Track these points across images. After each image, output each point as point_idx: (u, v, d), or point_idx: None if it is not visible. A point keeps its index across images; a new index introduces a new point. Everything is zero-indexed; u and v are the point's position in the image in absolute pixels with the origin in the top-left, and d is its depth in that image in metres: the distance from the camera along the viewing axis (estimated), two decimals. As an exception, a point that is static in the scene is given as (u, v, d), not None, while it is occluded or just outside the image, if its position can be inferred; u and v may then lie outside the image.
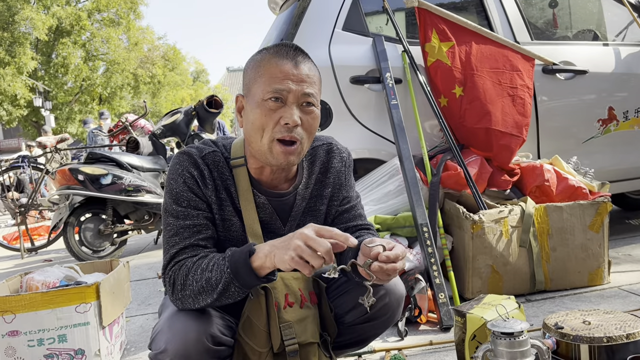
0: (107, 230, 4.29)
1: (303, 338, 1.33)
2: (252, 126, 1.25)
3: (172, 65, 23.63)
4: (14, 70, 17.26)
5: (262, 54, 1.28)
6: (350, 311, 1.41)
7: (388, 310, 1.42)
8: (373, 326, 1.44)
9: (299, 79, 1.23)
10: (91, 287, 1.93)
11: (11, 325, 1.88)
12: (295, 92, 1.22)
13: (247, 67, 1.31)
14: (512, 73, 2.73)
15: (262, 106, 1.23)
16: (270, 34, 3.26)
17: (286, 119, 1.22)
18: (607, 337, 1.46)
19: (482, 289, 2.38)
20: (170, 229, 1.28)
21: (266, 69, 1.24)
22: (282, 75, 1.22)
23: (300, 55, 1.26)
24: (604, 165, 3.08)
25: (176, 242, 1.26)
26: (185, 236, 1.26)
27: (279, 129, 1.23)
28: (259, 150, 1.26)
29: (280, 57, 1.24)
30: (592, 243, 2.45)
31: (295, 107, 1.23)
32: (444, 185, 2.58)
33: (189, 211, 1.27)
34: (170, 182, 1.30)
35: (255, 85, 1.25)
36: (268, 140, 1.23)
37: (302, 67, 1.25)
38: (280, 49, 1.26)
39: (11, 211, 5.11)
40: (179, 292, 1.21)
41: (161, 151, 4.68)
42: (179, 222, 1.27)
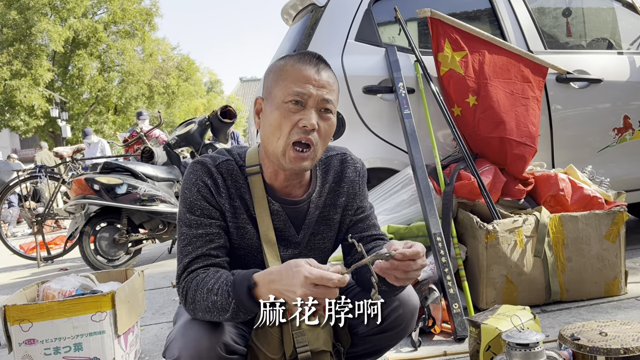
0: (122, 239, 4.32)
1: (315, 345, 1.33)
2: (270, 127, 1.28)
3: (186, 76, 23.86)
4: (30, 81, 17.54)
5: (285, 59, 1.32)
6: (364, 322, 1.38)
7: (402, 321, 1.41)
8: (387, 337, 1.43)
9: (320, 84, 1.27)
10: (107, 296, 1.95)
11: (28, 333, 1.90)
12: (316, 97, 1.26)
13: (269, 71, 1.34)
14: (524, 84, 2.73)
15: (281, 108, 1.26)
16: (284, 45, 3.29)
17: (304, 121, 1.25)
18: (624, 348, 1.44)
19: (496, 299, 2.36)
20: (183, 239, 1.30)
21: (289, 72, 1.28)
22: (304, 79, 1.26)
23: (322, 63, 1.30)
24: (620, 175, 3.05)
25: (189, 251, 1.28)
26: (197, 245, 1.28)
27: (297, 131, 1.25)
28: (273, 153, 1.29)
29: (303, 62, 1.28)
30: (608, 253, 2.42)
31: (314, 111, 1.26)
32: (457, 194, 2.57)
33: (202, 220, 1.29)
34: (184, 191, 1.32)
35: (276, 87, 1.28)
36: (284, 143, 1.26)
37: (324, 74, 1.29)
38: (304, 55, 1.30)
39: (28, 220, 5.17)
40: (190, 304, 1.24)
41: (175, 161, 4.72)
42: (192, 231, 1.29)
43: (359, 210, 1.48)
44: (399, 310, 1.39)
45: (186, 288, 1.24)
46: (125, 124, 21.42)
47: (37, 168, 5.30)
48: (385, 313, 1.38)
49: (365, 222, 1.49)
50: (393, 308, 1.38)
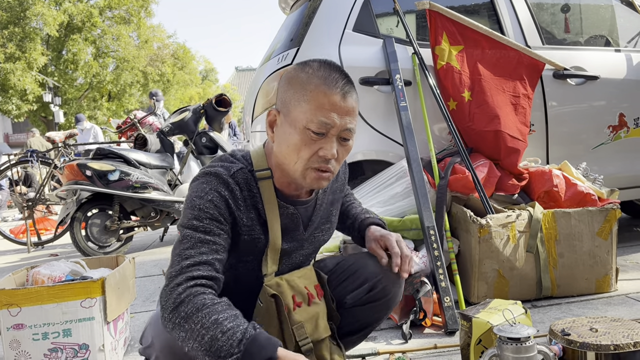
0: (114, 226, 4.30)
1: (316, 336, 1.35)
2: (288, 149, 1.22)
3: (181, 64, 23.73)
4: (24, 65, 17.38)
5: (309, 74, 1.22)
6: (351, 293, 1.45)
7: (388, 291, 1.45)
8: (374, 308, 1.47)
9: (345, 112, 1.20)
10: (97, 282, 1.94)
11: (16, 318, 1.89)
12: (339, 127, 1.20)
13: (288, 83, 1.25)
14: (516, 82, 2.73)
15: (303, 134, 1.20)
16: (280, 34, 3.26)
17: (325, 151, 1.20)
18: (615, 344, 1.45)
19: (487, 293, 2.37)
20: (186, 241, 1.18)
21: (313, 95, 1.19)
22: (330, 106, 1.19)
23: (347, 85, 1.22)
24: (614, 172, 3.06)
25: (191, 254, 1.16)
26: (202, 251, 1.17)
27: (316, 159, 1.21)
28: (290, 172, 1.25)
29: (329, 86, 1.19)
30: (600, 250, 2.43)
31: (335, 139, 1.22)
32: (451, 188, 2.57)
33: (211, 228, 1.20)
34: (193, 199, 1.21)
35: (298, 108, 1.20)
36: (302, 167, 1.22)
37: (349, 99, 1.21)
38: (330, 75, 1.21)
39: (19, 205, 5.14)
40: (179, 317, 1.10)
41: (169, 149, 4.69)
42: (198, 235, 1.18)
43: (345, 198, 1.60)
44: (384, 281, 1.44)
45: (183, 297, 1.11)
46: (119, 111, 21.29)
47: (29, 152, 5.26)
48: (372, 283, 1.44)
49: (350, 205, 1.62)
50: (379, 279, 1.43)
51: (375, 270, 1.44)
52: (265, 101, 2.85)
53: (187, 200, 1.23)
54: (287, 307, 1.30)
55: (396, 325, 2.22)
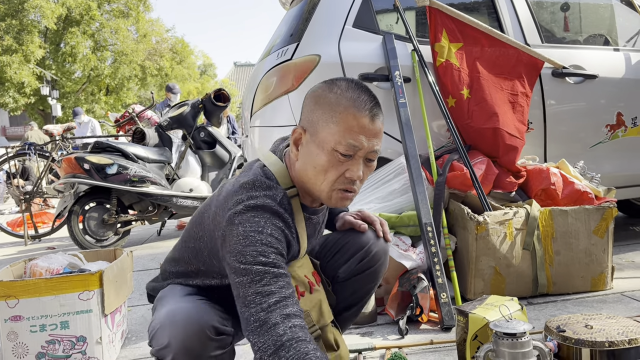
0: (111, 219, 4.30)
1: (322, 322, 1.39)
2: (314, 170, 1.22)
3: (179, 58, 23.67)
4: (21, 58, 17.31)
5: (337, 95, 1.21)
6: (343, 266, 1.51)
7: (378, 258, 1.53)
8: (367, 277, 1.53)
9: (373, 134, 1.21)
10: (94, 275, 1.94)
11: (14, 310, 1.89)
12: (366, 149, 1.21)
13: (316, 102, 1.23)
14: (514, 80, 2.74)
15: (331, 155, 1.20)
16: (280, 30, 3.26)
17: (352, 173, 1.21)
18: (609, 341, 1.46)
19: (484, 290, 2.38)
20: (260, 279, 1.12)
21: (342, 117, 1.19)
22: (358, 129, 1.19)
23: (376, 107, 1.22)
24: (611, 171, 3.07)
25: (272, 290, 1.12)
26: (281, 285, 1.13)
27: (342, 181, 1.22)
28: (315, 191, 1.26)
29: (358, 108, 1.19)
30: (596, 248, 2.44)
31: (361, 161, 1.22)
32: (449, 185, 2.58)
33: (279, 262, 1.17)
34: (250, 235, 1.16)
35: (326, 129, 1.20)
36: (328, 188, 1.23)
37: (377, 121, 1.22)
38: (359, 97, 1.21)
39: (16, 198, 5.13)
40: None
41: (167, 143, 4.69)
42: (272, 270, 1.14)
43: None
44: (373, 248, 1.51)
45: (284, 340, 1.07)
46: (117, 105, 21.24)
47: (26, 145, 5.25)
48: (362, 253, 1.51)
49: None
50: (367, 247, 1.50)
51: (363, 239, 1.51)
52: (265, 96, 2.85)
53: (242, 236, 1.16)
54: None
55: (393, 321, 2.24)
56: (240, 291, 1.13)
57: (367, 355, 1.93)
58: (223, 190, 1.29)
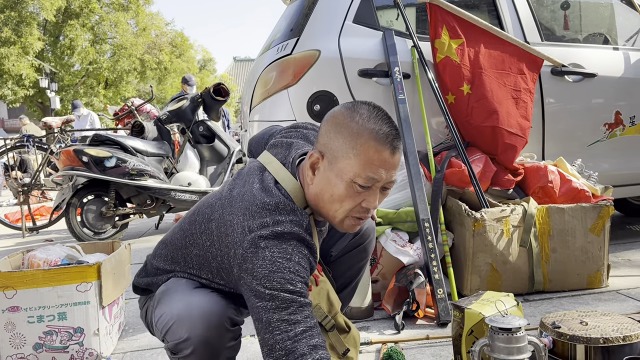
0: (109, 212, 4.30)
1: (333, 312, 1.43)
2: (332, 198, 1.20)
3: (179, 52, 23.60)
4: (19, 50, 17.24)
5: (359, 125, 1.18)
6: (335, 244, 1.56)
7: (367, 235, 1.60)
8: (358, 255, 1.60)
9: (392, 167, 1.19)
10: (92, 266, 1.95)
11: (12, 300, 1.90)
12: (384, 181, 1.19)
13: (337, 130, 1.20)
14: (517, 76, 2.73)
15: (349, 187, 1.18)
16: (280, 25, 3.26)
17: (368, 203, 1.20)
18: (604, 338, 1.47)
19: (480, 286, 2.39)
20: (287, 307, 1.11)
21: (363, 149, 1.16)
22: (379, 163, 1.16)
23: (397, 139, 1.19)
24: (608, 169, 3.08)
25: (298, 320, 1.11)
26: (306, 315, 1.13)
27: (358, 210, 1.21)
28: (329, 217, 1.25)
29: (380, 142, 1.16)
30: (592, 246, 2.45)
31: (378, 191, 1.21)
32: (447, 182, 2.58)
33: (304, 291, 1.16)
34: (278, 261, 1.14)
35: (345, 159, 1.17)
36: (342, 216, 1.22)
37: (397, 154, 1.19)
38: (381, 129, 1.17)
39: (14, 190, 5.13)
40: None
41: (166, 136, 4.69)
42: (299, 299, 1.13)
43: None
44: (363, 225, 1.56)
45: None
46: (116, 98, 21.19)
47: (25, 137, 5.24)
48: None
49: None
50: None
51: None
52: (264, 91, 2.86)
53: (269, 260, 1.14)
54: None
55: (389, 316, 2.25)
56: (263, 316, 1.12)
57: (364, 349, 1.94)
58: (233, 199, 1.24)
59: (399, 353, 1.77)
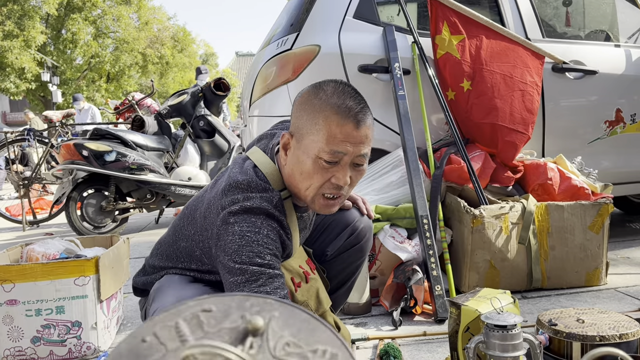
0: (109, 207, 4.30)
1: (321, 310, 1.42)
2: (301, 176, 1.21)
3: (181, 47, 23.59)
4: (22, 43, 17.24)
5: (322, 101, 1.19)
6: (330, 244, 1.55)
7: (364, 234, 1.58)
8: (355, 254, 1.58)
9: (358, 140, 1.19)
10: (91, 260, 1.95)
11: (10, 294, 1.90)
12: (352, 155, 1.19)
13: (301, 108, 1.22)
14: (523, 69, 2.72)
15: (315, 162, 1.18)
16: (281, 19, 3.25)
17: (337, 179, 1.20)
18: (600, 336, 1.47)
19: (479, 283, 2.39)
20: (256, 279, 1.12)
21: (325, 125, 1.17)
22: (342, 137, 1.17)
23: (361, 112, 1.19)
24: (608, 167, 3.08)
25: (268, 292, 1.13)
26: (277, 286, 1.15)
27: (328, 186, 1.21)
28: (302, 196, 1.25)
29: (342, 115, 1.17)
30: (591, 244, 2.45)
31: (347, 167, 1.21)
32: (446, 178, 2.58)
33: (274, 263, 1.17)
34: (247, 235, 1.16)
35: (309, 135, 1.19)
36: (313, 193, 1.22)
37: (363, 127, 1.19)
38: (344, 103, 1.18)
39: (15, 184, 5.14)
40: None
41: (166, 131, 4.69)
42: (268, 271, 1.14)
43: None
44: (360, 224, 1.56)
45: None
46: (118, 92, 21.19)
47: (26, 131, 5.24)
48: (351, 227, 1.55)
49: None
50: (355, 223, 1.55)
51: (349, 217, 1.55)
52: (264, 86, 2.85)
53: (239, 235, 1.16)
54: (289, 291, 1.33)
55: (387, 312, 2.25)
56: (234, 290, 1.12)
57: (361, 345, 1.94)
58: (215, 187, 1.28)
59: (396, 349, 1.78)
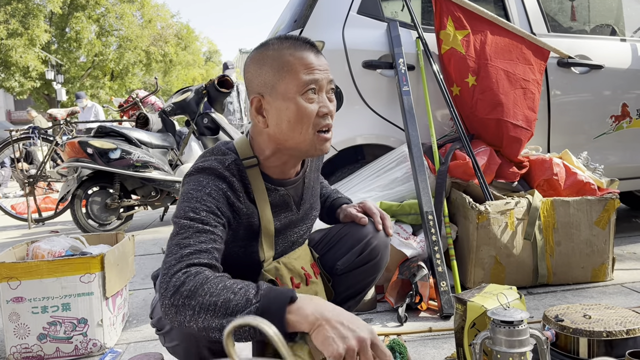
0: (114, 204, 4.31)
1: None
2: (289, 124, 1.21)
3: (184, 44, 23.62)
4: (26, 42, 17.28)
5: (276, 49, 1.23)
6: (341, 258, 1.50)
7: (378, 251, 1.51)
8: (365, 271, 1.51)
9: (323, 67, 1.24)
10: (96, 258, 1.95)
11: (16, 291, 1.91)
12: (325, 80, 1.24)
13: (259, 65, 1.24)
14: (525, 66, 2.70)
15: (299, 101, 1.20)
16: (284, 16, 3.24)
17: (324, 108, 1.23)
18: (607, 331, 1.46)
19: (484, 279, 2.38)
20: (184, 232, 1.14)
21: (290, 62, 1.21)
22: (311, 65, 1.22)
23: (312, 44, 1.26)
24: (614, 162, 3.06)
25: (189, 243, 1.12)
26: (201, 240, 1.13)
27: (320, 120, 1.23)
28: (300, 144, 1.24)
29: (300, 50, 1.22)
30: (597, 239, 2.44)
31: (325, 96, 1.25)
32: (451, 174, 2.57)
33: (209, 220, 1.17)
34: (190, 192, 1.19)
35: (281, 82, 1.21)
36: (312, 134, 1.23)
37: (320, 55, 1.26)
38: (296, 42, 1.24)
39: (20, 182, 5.15)
40: (181, 297, 1.03)
41: (170, 128, 4.69)
42: (196, 225, 1.14)
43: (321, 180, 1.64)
44: (373, 241, 1.49)
45: (183, 279, 1.04)
46: (122, 90, 21.23)
47: (31, 129, 5.26)
48: (361, 245, 1.49)
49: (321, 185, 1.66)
50: (367, 240, 1.48)
51: (363, 232, 1.49)
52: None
53: (183, 194, 1.20)
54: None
55: (392, 309, 2.24)
56: (168, 243, 1.16)
57: (366, 341, 1.93)
58: None
59: (402, 345, 1.77)
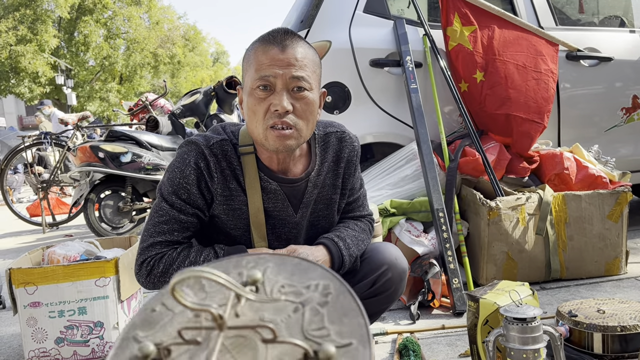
0: (126, 207, 4.35)
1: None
2: (248, 117, 1.26)
3: (192, 46, 23.69)
4: (35, 47, 17.43)
5: (253, 44, 1.27)
6: (354, 287, 1.43)
7: (391, 285, 1.44)
8: (378, 301, 1.45)
9: (286, 63, 1.20)
10: (110, 262, 1.98)
11: (33, 296, 1.93)
12: (283, 77, 1.19)
13: (243, 59, 1.32)
14: (537, 57, 2.68)
15: (252, 95, 1.23)
16: (291, 15, 3.25)
17: (275, 105, 1.20)
18: (621, 326, 1.46)
19: (496, 275, 2.38)
20: (162, 214, 1.30)
21: (254, 57, 1.23)
22: (268, 61, 1.20)
23: (289, 39, 1.22)
24: (626, 155, 3.03)
25: (164, 230, 1.29)
26: (174, 228, 1.30)
27: (270, 116, 1.21)
28: (257, 139, 1.26)
29: (266, 43, 1.23)
30: (610, 233, 2.42)
31: (285, 93, 1.20)
32: (461, 171, 2.57)
33: (186, 207, 1.29)
34: (174, 170, 1.29)
35: (246, 75, 1.26)
36: (262, 129, 1.23)
37: (290, 50, 1.21)
38: (268, 35, 1.25)
39: (33, 187, 5.21)
40: (157, 276, 1.28)
41: (180, 131, 4.71)
42: (173, 212, 1.29)
43: (351, 192, 1.49)
44: (387, 274, 1.43)
45: (152, 263, 1.28)
46: (130, 93, 21.35)
47: (43, 135, 5.31)
48: (375, 277, 1.43)
49: (353, 204, 1.52)
50: (382, 272, 1.42)
51: (381, 260, 1.43)
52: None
53: (169, 168, 1.31)
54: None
55: (405, 306, 2.25)
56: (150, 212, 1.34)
57: (379, 340, 1.94)
58: None
59: (415, 343, 1.78)
